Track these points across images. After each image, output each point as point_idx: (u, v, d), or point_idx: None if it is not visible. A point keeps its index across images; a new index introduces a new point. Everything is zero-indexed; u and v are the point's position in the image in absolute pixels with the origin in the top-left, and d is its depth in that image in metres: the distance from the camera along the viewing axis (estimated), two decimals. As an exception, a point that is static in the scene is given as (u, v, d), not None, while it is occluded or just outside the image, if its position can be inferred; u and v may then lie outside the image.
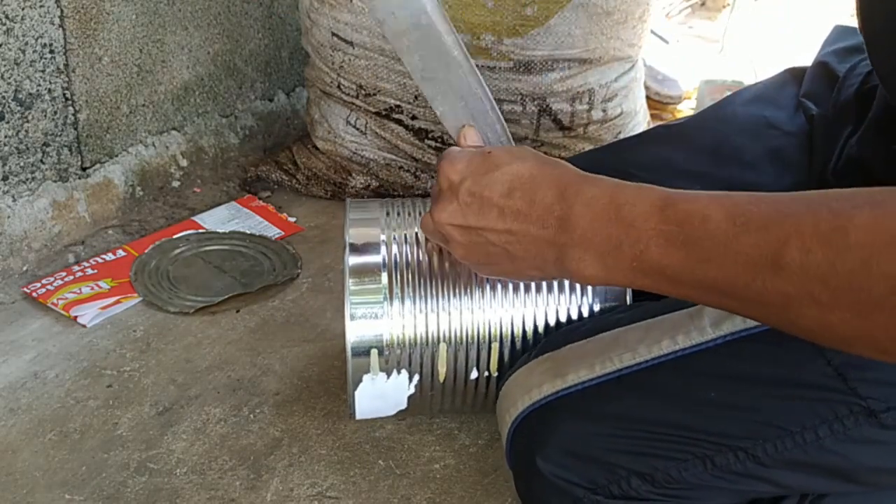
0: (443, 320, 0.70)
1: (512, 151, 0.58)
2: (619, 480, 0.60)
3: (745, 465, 0.57)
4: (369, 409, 0.74)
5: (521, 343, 0.71)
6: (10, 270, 1.08)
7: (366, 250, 0.71)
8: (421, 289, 0.70)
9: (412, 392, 0.73)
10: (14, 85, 1.03)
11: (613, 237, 0.51)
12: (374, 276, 0.70)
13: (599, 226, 0.52)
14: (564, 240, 0.53)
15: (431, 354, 0.71)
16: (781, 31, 2.53)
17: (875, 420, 0.54)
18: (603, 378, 0.62)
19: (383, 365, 0.71)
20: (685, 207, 0.48)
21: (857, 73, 0.75)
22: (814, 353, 0.55)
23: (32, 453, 0.81)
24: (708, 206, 0.47)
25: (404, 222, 0.73)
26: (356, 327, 0.70)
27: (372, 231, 0.72)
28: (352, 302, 0.70)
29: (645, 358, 0.61)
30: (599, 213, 0.52)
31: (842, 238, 0.42)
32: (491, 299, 0.71)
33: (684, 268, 0.48)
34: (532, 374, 0.65)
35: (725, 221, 0.46)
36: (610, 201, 0.51)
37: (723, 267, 0.46)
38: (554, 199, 0.54)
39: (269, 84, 1.45)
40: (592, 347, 0.64)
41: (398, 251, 0.71)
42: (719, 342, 0.59)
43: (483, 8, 1.14)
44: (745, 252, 0.45)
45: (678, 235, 0.48)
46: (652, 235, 0.49)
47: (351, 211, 0.75)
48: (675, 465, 0.59)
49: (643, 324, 0.63)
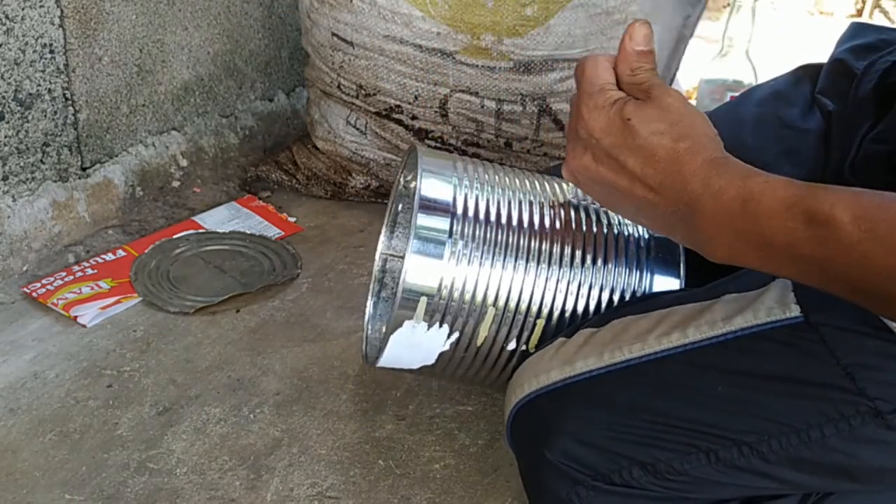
0: (500, 285, 0.68)
1: (650, 119, 0.57)
2: (620, 469, 0.60)
3: (749, 460, 0.57)
4: (396, 357, 0.71)
5: (569, 324, 0.69)
6: (10, 270, 1.08)
7: (438, 193, 0.68)
8: (483, 248, 0.68)
9: (445, 349, 0.70)
10: (14, 85, 1.03)
11: (739, 230, 0.52)
12: (443, 219, 0.67)
13: (725, 218, 0.53)
14: (693, 223, 0.55)
15: (478, 316, 0.69)
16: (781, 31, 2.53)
17: (881, 421, 0.54)
18: (611, 367, 0.62)
19: (428, 315, 0.68)
20: (811, 205, 0.49)
21: (875, 69, 0.74)
22: (823, 352, 0.55)
23: (32, 453, 0.81)
24: (834, 205, 0.48)
25: (475, 179, 0.71)
26: (415, 267, 0.67)
27: (445, 177, 0.70)
28: (417, 238, 0.67)
29: (654, 349, 0.61)
30: (725, 205, 0.53)
31: None
32: (547, 278, 0.69)
33: (812, 262, 0.49)
34: (542, 360, 0.65)
35: (851, 224, 0.47)
36: (737, 195, 0.52)
37: (848, 268, 0.47)
38: (682, 187, 0.55)
39: (269, 84, 1.45)
40: (603, 336, 0.64)
41: (467, 205, 0.69)
42: (729, 337, 0.59)
43: (483, 8, 1.14)
44: (870, 257, 0.46)
45: (804, 234, 0.49)
46: (778, 232, 0.50)
47: (424, 158, 0.72)
48: (678, 457, 0.59)
49: (655, 314, 0.63)
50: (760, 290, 0.60)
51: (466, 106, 1.20)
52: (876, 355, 0.54)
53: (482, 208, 0.69)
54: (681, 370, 0.60)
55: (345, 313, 1.04)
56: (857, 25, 0.84)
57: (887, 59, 0.74)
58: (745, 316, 0.59)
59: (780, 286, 0.59)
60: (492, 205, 0.70)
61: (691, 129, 0.57)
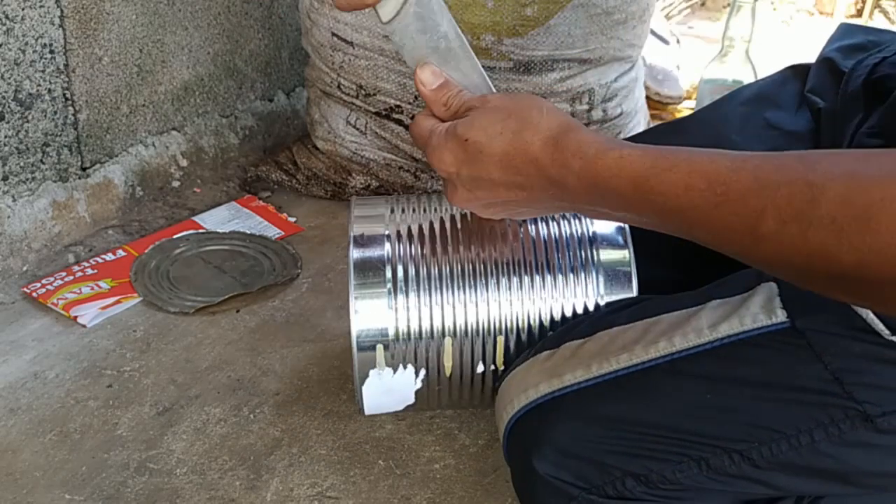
0: (447, 314, 0.70)
1: (484, 128, 0.59)
2: (613, 481, 0.60)
3: (740, 467, 0.57)
4: (377, 404, 0.74)
5: (527, 336, 0.71)
6: (10, 270, 1.08)
7: (369, 245, 0.71)
8: (425, 283, 0.70)
9: (419, 387, 0.73)
10: (14, 85, 1.03)
11: (608, 202, 0.55)
12: (377, 270, 0.70)
13: (592, 193, 0.55)
14: (570, 199, 0.57)
15: (437, 348, 0.71)
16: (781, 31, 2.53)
17: (871, 424, 0.54)
18: (599, 378, 0.62)
19: (389, 360, 0.71)
20: (668, 178, 0.50)
21: (864, 65, 0.75)
22: (810, 356, 0.55)
23: (32, 453, 0.81)
24: (690, 174, 0.49)
25: (408, 217, 0.73)
26: (361, 321, 0.70)
27: (376, 226, 0.72)
28: (355, 296, 0.70)
29: (642, 359, 0.61)
30: (586, 185, 0.55)
31: (813, 210, 0.43)
32: (495, 292, 0.70)
33: (673, 227, 0.52)
34: (529, 373, 0.65)
35: (707, 190, 0.48)
36: (591, 181, 0.55)
37: (708, 233, 0.49)
38: (542, 176, 0.57)
39: (269, 84, 1.45)
40: (590, 347, 0.64)
41: (401, 246, 0.71)
42: (716, 344, 0.59)
43: (483, 8, 1.14)
44: (726, 221, 0.48)
45: (663, 204, 0.51)
46: (636, 205, 0.53)
47: (355, 208, 0.75)
48: (669, 466, 0.59)
49: (640, 324, 0.63)
50: (745, 296, 0.60)
51: (466, 106, 1.20)
52: (863, 359, 0.54)
53: (416, 246, 0.71)
54: (668, 379, 0.60)
55: (345, 313, 1.04)
56: (845, 26, 0.84)
57: (876, 55, 0.74)
58: (730, 323, 0.59)
59: (766, 291, 0.59)
60: (425, 239, 0.72)
61: (526, 117, 0.58)
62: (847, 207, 0.42)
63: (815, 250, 0.43)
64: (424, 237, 0.72)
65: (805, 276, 0.46)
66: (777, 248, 0.45)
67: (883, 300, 0.44)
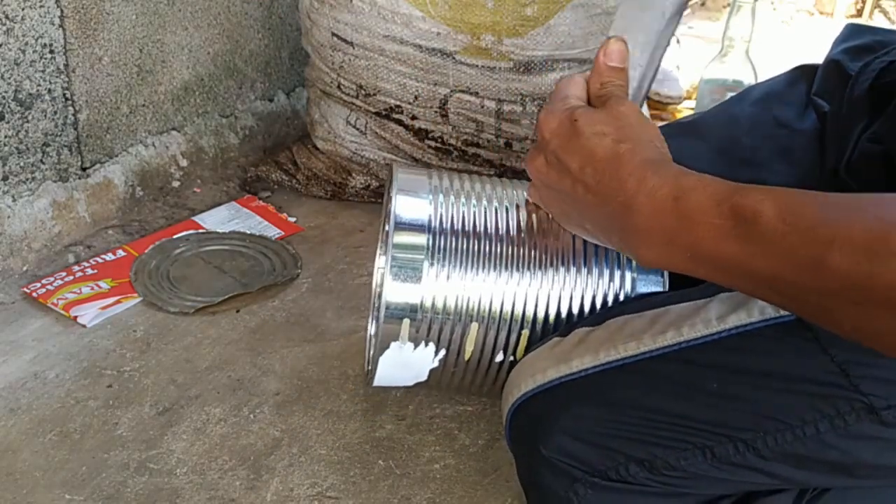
0: (483, 298, 0.68)
1: (596, 121, 0.59)
2: (617, 466, 0.60)
3: (745, 456, 0.58)
4: (389, 377, 0.73)
5: (553, 330, 0.70)
6: (10, 270, 1.08)
7: (412, 212, 0.69)
8: (463, 263, 0.68)
9: (435, 366, 0.71)
10: (14, 85, 1.03)
11: (670, 228, 0.53)
12: (419, 240, 0.68)
13: (658, 216, 0.54)
14: (626, 224, 0.56)
15: (462, 331, 0.69)
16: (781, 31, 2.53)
17: (876, 417, 0.55)
18: (606, 365, 0.62)
19: (413, 334, 0.69)
20: (739, 202, 0.50)
21: (870, 69, 0.75)
22: (817, 349, 0.56)
23: (32, 453, 0.81)
24: (762, 201, 0.49)
25: (451, 193, 0.72)
26: (395, 289, 0.67)
27: (420, 197, 0.70)
28: (394, 261, 0.67)
29: (650, 348, 0.61)
30: (659, 203, 0.54)
31: (884, 246, 0.43)
32: (531, 283, 0.69)
33: (736, 260, 0.50)
34: (538, 359, 0.66)
35: (776, 219, 0.48)
36: (669, 192, 0.53)
37: (771, 263, 0.48)
38: (618, 186, 0.56)
39: (269, 84, 1.45)
40: (598, 335, 0.64)
41: (443, 221, 0.69)
42: (724, 335, 0.59)
43: (483, 8, 1.14)
44: (792, 251, 0.47)
45: (732, 230, 0.50)
46: (707, 228, 0.51)
47: (399, 174, 0.73)
48: (674, 453, 0.59)
49: (649, 314, 0.63)
50: None
51: (466, 106, 1.20)
52: (869, 352, 0.55)
53: (458, 223, 0.70)
54: (676, 368, 0.60)
55: (345, 313, 1.04)
56: (852, 27, 0.84)
57: (883, 59, 0.74)
58: (738, 314, 0.59)
59: None
60: (468, 218, 0.70)
61: (635, 133, 0.58)
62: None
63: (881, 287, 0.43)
64: (466, 218, 0.70)
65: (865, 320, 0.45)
66: (842, 283, 0.45)
67: None
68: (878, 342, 0.46)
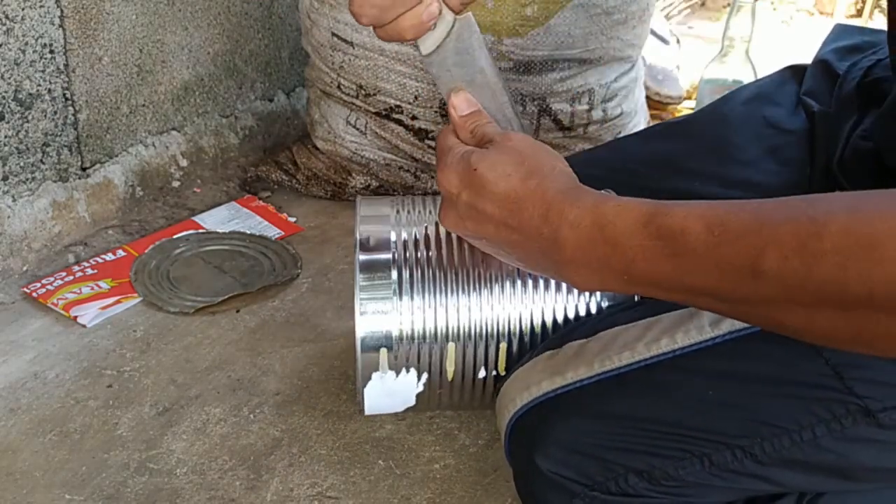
0: (451, 318, 0.70)
1: (495, 163, 0.58)
2: (616, 478, 0.60)
3: (743, 463, 0.58)
4: (378, 405, 0.74)
5: (530, 343, 0.71)
6: (10, 270, 1.08)
7: (376, 247, 0.71)
8: (430, 286, 0.70)
9: (421, 390, 0.72)
10: (14, 85, 1.03)
11: (601, 255, 0.52)
12: (384, 272, 0.70)
13: (586, 246, 0.53)
14: (557, 257, 0.55)
15: (440, 353, 0.70)
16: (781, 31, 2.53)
17: (872, 420, 0.54)
18: (602, 376, 0.62)
19: (392, 362, 0.70)
20: (665, 222, 0.49)
21: (858, 67, 0.75)
22: (812, 352, 0.56)
23: (32, 453, 0.81)
24: (686, 217, 0.48)
25: (414, 219, 0.73)
26: (366, 323, 0.69)
27: (382, 228, 0.72)
28: (361, 298, 0.69)
29: (644, 356, 0.61)
30: (584, 234, 0.53)
31: (817, 244, 0.43)
32: (500, 297, 0.70)
33: (672, 278, 0.49)
34: (532, 372, 0.65)
35: (705, 232, 0.47)
36: (593, 222, 0.53)
37: (707, 276, 0.47)
38: (540, 221, 0.56)
39: (269, 84, 1.45)
40: (592, 346, 0.64)
41: (408, 249, 0.71)
42: (718, 341, 0.59)
43: (483, 8, 1.14)
44: (725, 261, 0.46)
45: (662, 249, 0.49)
46: (637, 251, 0.50)
47: (361, 207, 0.74)
48: (672, 463, 0.59)
49: (642, 322, 0.63)
50: None
51: (466, 106, 1.20)
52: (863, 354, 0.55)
53: (422, 250, 0.71)
54: (670, 376, 0.60)
55: (345, 313, 1.04)
56: (840, 27, 0.84)
57: (871, 57, 0.75)
58: (732, 320, 0.59)
59: None
60: (431, 242, 0.71)
61: (538, 166, 0.58)
62: (851, 238, 0.42)
63: (820, 285, 0.42)
64: (430, 241, 0.71)
65: (809, 319, 0.45)
66: (779, 286, 0.44)
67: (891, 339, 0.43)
68: (832, 341, 0.46)
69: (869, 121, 0.69)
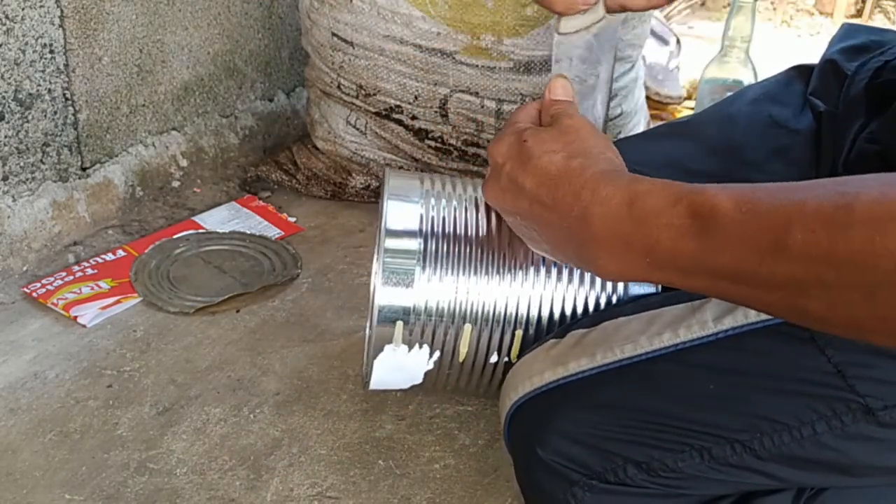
0: (473, 299, 0.69)
1: (546, 140, 0.59)
2: (615, 468, 0.60)
3: (742, 457, 0.58)
4: (384, 380, 0.73)
5: (546, 332, 0.70)
6: (10, 270, 1.08)
7: (404, 219, 0.69)
8: (455, 265, 0.69)
9: (430, 368, 0.71)
10: (14, 85, 1.03)
11: (626, 234, 0.51)
12: (409, 246, 0.68)
13: (613, 223, 0.52)
14: (583, 235, 0.54)
15: (455, 333, 0.69)
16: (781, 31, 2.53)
17: (873, 418, 0.55)
18: (603, 367, 0.62)
19: (406, 337, 0.69)
20: (696, 199, 0.49)
21: (867, 68, 0.75)
22: (814, 350, 0.56)
23: (32, 453, 0.81)
24: (717, 195, 0.48)
25: (444, 196, 0.72)
26: (386, 293, 0.68)
27: (411, 202, 0.71)
28: (385, 266, 0.68)
29: (646, 349, 0.61)
30: (612, 210, 0.52)
31: (846, 215, 0.42)
32: (522, 283, 0.69)
33: (696, 258, 0.48)
34: (534, 362, 0.66)
35: (733, 209, 0.46)
36: (623, 200, 0.52)
37: (731, 255, 0.46)
38: (573, 199, 0.55)
39: (269, 84, 1.45)
40: (595, 337, 0.64)
41: (435, 225, 0.70)
42: (720, 336, 0.59)
43: (483, 8, 1.14)
44: (751, 237, 0.45)
45: (689, 228, 0.48)
46: (663, 230, 0.49)
47: (391, 180, 0.73)
48: (671, 455, 0.59)
49: (645, 315, 0.63)
50: None
51: (466, 106, 1.20)
52: (865, 353, 0.55)
53: (449, 226, 0.70)
54: (672, 369, 0.60)
55: (345, 313, 1.04)
56: (848, 27, 0.84)
57: (879, 58, 0.74)
58: (735, 316, 0.59)
59: None
60: (459, 221, 0.70)
61: (585, 147, 0.58)
62: (883, 208, 0.40)
63: (846, 260, 0.41)
64: (457, 219, 0.70)
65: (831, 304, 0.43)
66: (804, 263, 0.43)
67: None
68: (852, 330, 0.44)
69: (876, 123, 0.69)
